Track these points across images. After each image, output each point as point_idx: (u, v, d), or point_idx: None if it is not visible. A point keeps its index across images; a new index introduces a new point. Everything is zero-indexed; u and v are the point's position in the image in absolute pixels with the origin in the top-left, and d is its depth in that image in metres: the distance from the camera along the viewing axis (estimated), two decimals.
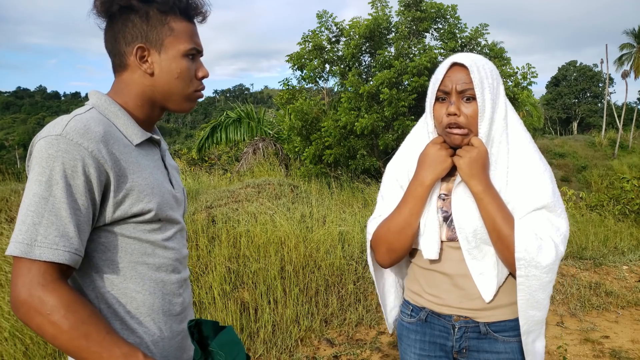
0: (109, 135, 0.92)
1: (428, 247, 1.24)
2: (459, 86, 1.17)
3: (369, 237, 1.35)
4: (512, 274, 1.19)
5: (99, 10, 0.99)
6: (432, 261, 1.29)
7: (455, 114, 1.18)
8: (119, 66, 1.03)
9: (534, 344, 1.25)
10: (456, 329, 1.28)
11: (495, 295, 1.25)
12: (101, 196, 0.90)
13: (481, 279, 1.23)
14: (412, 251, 1.36)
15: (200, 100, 1.11)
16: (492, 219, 1.15)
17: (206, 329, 0.96)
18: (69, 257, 0.84)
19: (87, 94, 1.06)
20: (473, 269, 1.22)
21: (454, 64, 1.19)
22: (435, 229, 1.24)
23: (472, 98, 1.18)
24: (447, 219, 1.26)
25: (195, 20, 1.07)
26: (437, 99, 1.23)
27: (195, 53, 1.05)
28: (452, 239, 1.25)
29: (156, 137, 1.07)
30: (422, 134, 1.33)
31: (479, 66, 1.17)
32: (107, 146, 0.90)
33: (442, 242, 1.26)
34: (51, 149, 0.85)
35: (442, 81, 1.20)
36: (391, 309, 1.50)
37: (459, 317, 1.28)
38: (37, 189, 0.84)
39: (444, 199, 1.27)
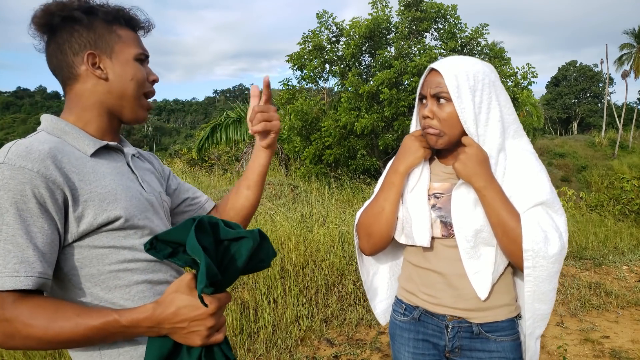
0: (56, 150, 0.89)
1: (419, 234, 1.26)
2: (432, 90, 1.22)
3: (355, 222, 1.41)
4: (519, 268, 1.19)
5: (40, 24, 0.98)
6: (427, 259, 1.31)
7: (428, 117, 1.23)
8: (68, 79, 1.01)
9: (536, 342, 1.27)
10: (449, 329, 1.30)
11: (489, 295, 1.26)
12: (63, 213, 0.88)
13: (476, 277, 1.24)
14: (407, 248, 1.39)
15: (151, 106, 1.11)
16: (497, 214, 1.16)
17: (166, 236, 0.86)
18: (32, 282, 0.82)
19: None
20: (469, 268, 1.23)
21: (432, 69, 1.24)
22: (426, 218, 1.26)
23: (446, 101, 1.20)
24: (441, 216, 1.27)
25: (138, 32, 1.09)
26: (419, 100, 1.30)
27: (143, 58, 1.07)
28: (447, 236, 1.26)
29: (112, 143, 1.03)
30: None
31: (456, 70, 1.19)
32: (55, 161, 0.87)
33: (436, 239, 1.29)
34: None
35: (422, 85, 1.27)
36: (381, 300, 1.53)
37: (453, 317, 1.30)
38: None
39: (438, 197, 1.29)
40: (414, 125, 1.36)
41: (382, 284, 1.52)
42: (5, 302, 0.80)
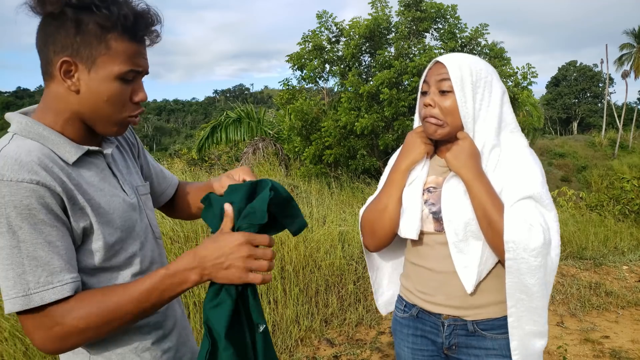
0: (45, 158, 0.84)
1: (407, 226, 1.28)
2: (437, 77, 1.23)
3: (359, 218, 1.43)
4: (502, 262, 1.18)
5: (33, 6, 0.86)
6: (422, 257, 1.33)
7: (430, 105, 1.23)
8: (45, 74, 0.90)
9: (529, 336, 1.20)
10: (445, 327, 1.32)
11: (482, 293, 1.27)
12: (67, 218, 0.86)
13: (465, 271, 1.24)
14: (407, 246, 1.41)
15: (134, 123, 0.99)
16: (482, 206, 1.17)
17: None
18: (69, 288, 0.83)
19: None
20: (458, 262, 1.24)
21: (437, 62, 1.26)
22: (417, 210, 1.28)
23: (449, 92, 1.22)
24: (432, 211, 1.28)
25: (143, 40, 0.94)
26: (421, 94, 1.30)
27: (131, 77, 0.92)
28: (439, 230, 1.27)
29: (94, 148, 0.95)
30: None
31: (461, 64, 1.21)
32: (48, 170, 0.83)
33: (428, 234, 1.30)
34: None
35: (425, 76, 1.28)
36: (382, 292, 1.56)
37: (448, 315, 1.31)
38: (2, 242, 0.79)
39: (431, 192, 1.30)
40: (417, 122, 1.37)
41: (385, 277, 1.55)
42: (50, 310, 0.81)
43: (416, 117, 1.37)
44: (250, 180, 0.99)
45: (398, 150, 1.44)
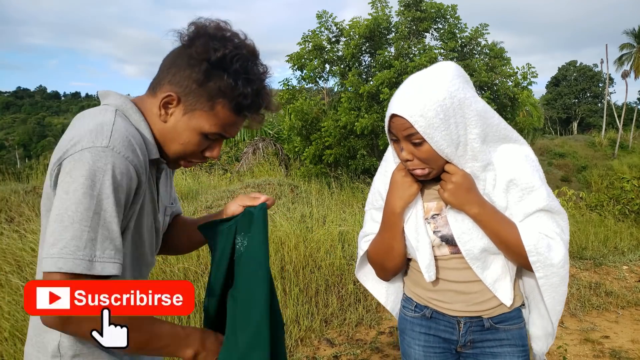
0: (141, 145, 0.92)
1: (426, 271, 1.27)
2: (403, 132, 1.14)
3: (360, 252, 1.42)
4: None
5: (182, 41, 0.95)
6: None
7: (408, 160, 1.18)
8: (153, 88, 0.99)
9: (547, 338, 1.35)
10: (461, 325, 1.32)
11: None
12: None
13: (497, 285, 1.26)
14: (412, 260, 1.39)
15: (187, 166, 1.08)
16: (497, 234, 1.18)
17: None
18: (120, 269, 0.85)
19: (95, 94, 1.02)
20: (486, 279, 1.25)
21: (395, 115, 1.14)
22: (428, 250, 1.25)
23: (422, 142, 1.13)
24: (444, 238, 1.26)
25: (246, 117, 1.00)
26: (392, 140, 1.22)
27: (213, 138, 1.00)
28: (455, 252, 1.27)
29: (162, 161, 1.02)
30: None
31: (422, 109, 1.09)
32: (140, 158, 0.90)
33: (443, 257, 1.29)
34: (100, 161, 0.82)
35: (389, 127, 1.18)
36: (386, 301, 1.56)
37: (465, 315, 1.32)
38: (88, 202, 0.81)
39: (435, 219, 1.27)
40: (393, 155, 1.30)
41: (381, 294, 1.55)
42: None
43: (393, 153, 1.30)
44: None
45: (382, 171, 1.38)
